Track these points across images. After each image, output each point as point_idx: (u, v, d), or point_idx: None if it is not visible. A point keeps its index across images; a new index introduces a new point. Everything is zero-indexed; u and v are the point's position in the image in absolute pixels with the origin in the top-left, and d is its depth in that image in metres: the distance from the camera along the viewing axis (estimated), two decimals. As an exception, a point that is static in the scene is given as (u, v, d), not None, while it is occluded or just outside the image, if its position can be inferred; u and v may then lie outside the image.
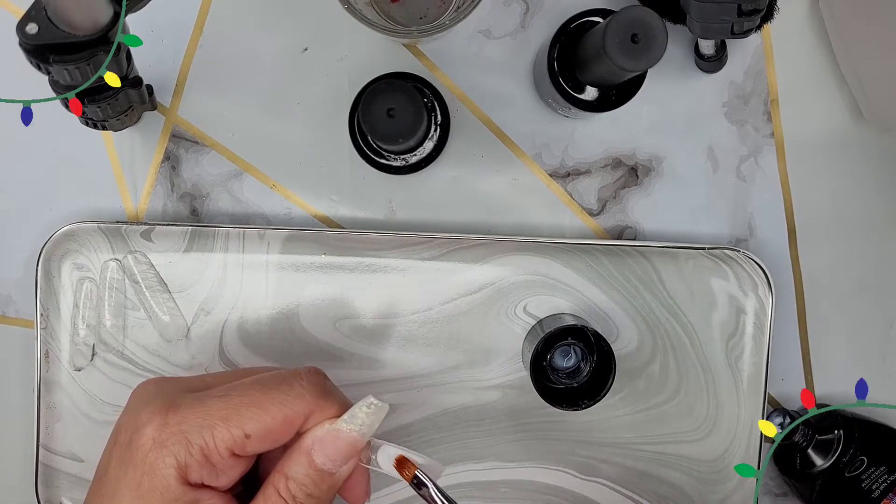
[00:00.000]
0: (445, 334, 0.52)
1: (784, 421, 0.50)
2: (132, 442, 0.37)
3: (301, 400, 0.38)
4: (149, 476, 0.36)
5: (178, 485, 0.36)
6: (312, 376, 0.39)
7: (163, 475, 0.35)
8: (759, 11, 0.46)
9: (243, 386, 0.38)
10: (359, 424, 0.38)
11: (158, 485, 0.35)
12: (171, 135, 0.53)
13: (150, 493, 0.36)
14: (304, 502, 0.37)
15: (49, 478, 0.52)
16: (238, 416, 0.36)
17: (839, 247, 0.54)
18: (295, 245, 0.52)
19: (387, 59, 0.52)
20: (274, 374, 0.39)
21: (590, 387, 0.47)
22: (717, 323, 0.52)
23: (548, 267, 0.52)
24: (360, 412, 0.38)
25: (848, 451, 0.50)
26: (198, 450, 0.36)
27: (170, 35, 0.52)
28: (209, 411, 0.37)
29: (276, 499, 0.37)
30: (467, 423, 0.52)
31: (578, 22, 0.47)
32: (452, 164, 0.53)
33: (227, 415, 0.36)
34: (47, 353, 0.52)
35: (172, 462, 0.35)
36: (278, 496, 0.37)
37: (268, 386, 0.38)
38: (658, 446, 0.52)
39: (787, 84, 0.53)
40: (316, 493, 0.38)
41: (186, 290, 0.52)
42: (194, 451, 0.36)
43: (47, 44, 0.39)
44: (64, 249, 0.51)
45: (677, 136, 0.53)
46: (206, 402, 0.37)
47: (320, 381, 0.39)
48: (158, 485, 0.35)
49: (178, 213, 0.53)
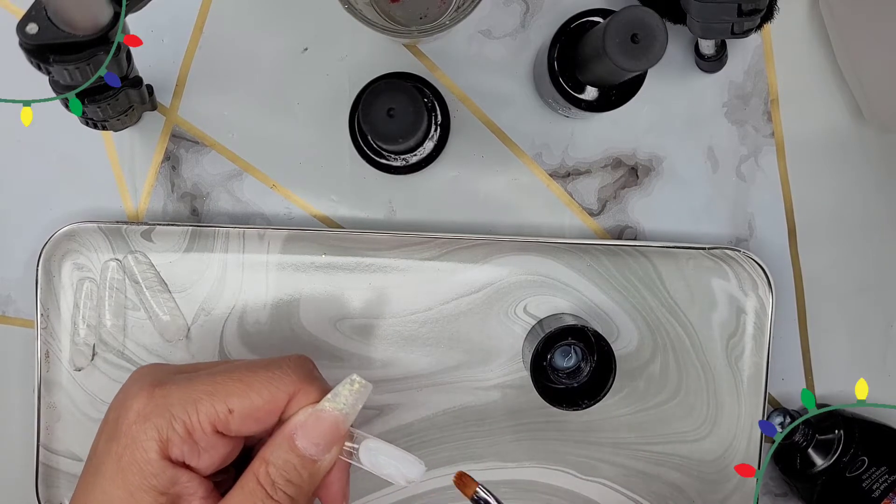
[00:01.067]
0: (446, 334, 0.52)
1: (784, 420, 0.50)
2: (118, 417, 0.37)
3: (287, 379, 0.37)
4: (130, 449, 0.36)
5: (158, 458, 0.35)
6: (299, 360, 0.39)
7: (143, 448, 0.35)
8: (760, 11, 0.46)
9: (231, 366, 0.39)
10: (342, 403, 0.38)
11: (139, 457, 0.35)
12: (172, 135, 0.53)
13: (129, 466, 0.35)
14: (284, 489, 0.37)
15: (49, 478, 0.52)
16: (223, 390, 0.36)
17: (839, 247, 0.54)
18: (295, 245, 0.52)
19: (387, 59, 0.52)
20: (263, 359, 0.40)
21: (590, 387, 0.47)
22: (718, 323, 0.52)
23: (548, 267, 0.52)
24: (344, 390, 0.38)
25: (848, 450, 0.50)
26: (181, 424, 0.36)
27: (170, 35, 0.52)
28: (195, 386, 0.37)
29: (253, 486, 0.36)
30: (467, 423, 0.52)
31: (578, 22, 0.47)
32: (452, 164, 0.53)
33: (213, 390, 0.36)
34: (47, 353, 0.52)
35: (154, 434, 0.35)
36: (257, 483, 0.36)
37: (255, 365, 0.38)
38: (658, 446, 0.52)
39: (787, 84, 0.53)
40: (296, 479, 0.37)
41: (187, 289, 0.52)
42: (177, 424, 0.36)
43: (47, 44, 0.39)
44: (64, 249, 0.51)
45: (677, 136, 0.53)
46: (193, 379, 0.37)
47: (307, 366, 0.39)
48: (139, 457, 0.35)
49: (179, 213, 0.53)
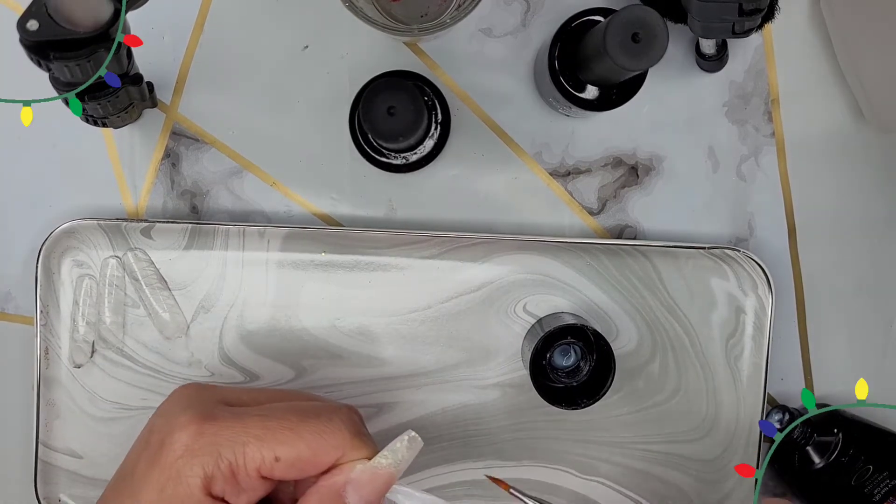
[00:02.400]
0: (445, 333, 0.52)
1: (783, 417, 0.50)
2: (164, 445, 0.36)
3: (338, 434, 0.37)
4: (174, 482, 0.35)
5: (201, 495, 0.35)
6: (350, 414, 0.38)
7: (188, 483, 0.35)
8: (761, 11, 0.46)
9: (281, 409, 0.38)
10: (399, 459, 0.37)
11: (182, 492, 0.35)
12: (172, 132, 0.53)
13: (172, 499, 0.35)
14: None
15: (48, 474, 0.52)
16: (273, 437, 0.36)
17: (839, 247, 0.54)
18: (295, 243, 0.52)
19: (387, 58, 0.52)
20: (313, 405, 0.39)
21: (589, 386, 0.47)
22: (717, 322, 0.52)
23: (548, 266, 0.52)
24: (402, 447, 0.37)
25: (847, 451, 0.50)
26: (227, 464, 0.36)
27: (170, 32, 0.52)
28: (246, 428, 0.36)
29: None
30: (466, 422, 0.52)
31: (579, 21, 0.47)
32: (453, 163, 0.53)
33: (263, 435, 0.36)
34: (47, 350, 0.52)
35: (200, 472, 0.35)
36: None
37: (306, 414, 0.37)
38: (657, 445, 0.52)
39: (787, 84, 0.53)
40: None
41: (186, 287, 0.52)
42: (223, 464, 0.35)
43: (48, 40, 0.39)
44: (64, 246, 0.51)
45: (678, 135, 0.53)
46: (243, 418, 0.37)
47: (356, 421, 0.38)
48: (182, 492, 0.35)
49: (179, 211, 0.53)
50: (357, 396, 0.52)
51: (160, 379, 0.52)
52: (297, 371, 0.52)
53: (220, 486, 0.36)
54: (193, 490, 0.35)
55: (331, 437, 0.37)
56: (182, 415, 0.37)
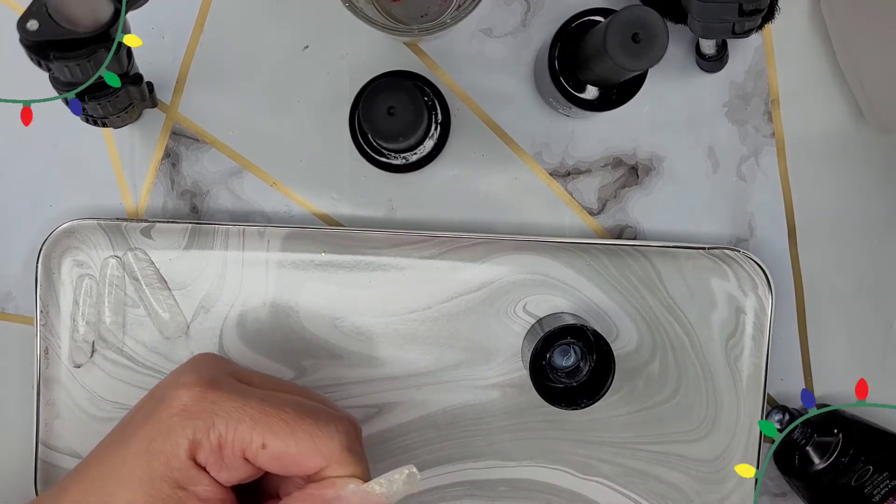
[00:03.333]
0: (445, 333, 0.52)
1: (784, 417, 0.50)
2: (164, 400, 0.37)
3: (329, 442, 0.37)
4: (163, 436, 0.36)
5: (185, 457, 0.36)
6: (349, 426, 0.38)
7: (176, 442, 0.36)
8: (761, 11, 0.46)
9: (283, 400, 0.38)
10: (393, 491, 0.36)
11: (168, 449, 0.36)
12: (172, 132, 0.53)
13: (157, 453, 0.36)
14: None
15: (48, 474, 0.52)
16: (266, 423, 0.36)
17: (839, 247, 0.54)
18: (295, 243, 0.52)
19: (387, 58, 0.52)
20: (315, 405, 0.39)
21: (589, 386, 0.47)
22: (717, 323, 0.52)
23: (547, 266, 0.52)
24: (400, 479, 0.37)
25: (847, 452, 0.50)
26: (217, 435, 0.36)
27: (170, 32, 0.52)
28: (245, 406, 0.36)
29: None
30: (466, 422, 0.52)
31: (579, 21, 0.47)
32: (453, 163, 0.53)
33: (258, 417, 0.36)
34: (47, 350, 0.52)
35: (190, 434, 0.36)
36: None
37: (305, 412, 0.37)
38: (657, 446, 0.52)
39: (787, 84, 0.53)
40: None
41: (186, 287, 0.52)
42: (213, 435, 0.36)
43: (48, 40, 0.39)
44: (64, 246, 0.51)
45: (678, 135, 0.53)
46: (245, 397, 0.37)
47: (352, 436, 0.38)
48: (168, 449, 0.36)
49: (179, 211, 0.53)
50: (357, 396, 0.52)
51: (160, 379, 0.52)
52: (298, 371, 0.52)
53: (205, 454, 0.36)
54: (179, 451, 0.36)
55: (321, 442, 0.36)
56: (190, 375, 0.38)
